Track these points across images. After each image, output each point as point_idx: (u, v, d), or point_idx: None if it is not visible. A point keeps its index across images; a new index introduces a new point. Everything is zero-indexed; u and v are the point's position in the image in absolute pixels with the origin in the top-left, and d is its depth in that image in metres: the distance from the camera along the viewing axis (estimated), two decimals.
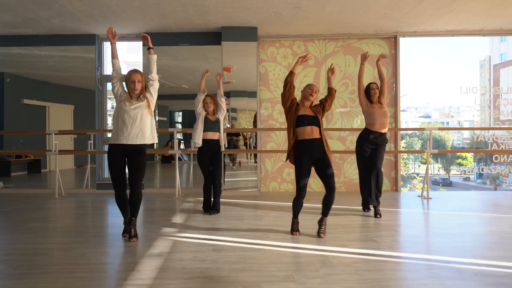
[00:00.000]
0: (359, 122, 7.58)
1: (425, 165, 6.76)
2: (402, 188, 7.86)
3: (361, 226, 4.64)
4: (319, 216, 4.23)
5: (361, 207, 5.50)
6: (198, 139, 5.27)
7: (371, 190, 5.15)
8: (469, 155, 42.42)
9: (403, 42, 9.70)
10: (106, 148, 7.94)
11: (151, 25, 7.01)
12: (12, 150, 8.42)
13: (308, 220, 4.73)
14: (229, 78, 7.31)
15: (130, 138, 3.88)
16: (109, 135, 8.00)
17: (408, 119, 63.81)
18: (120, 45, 8.10)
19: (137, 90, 3.95)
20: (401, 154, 11.02)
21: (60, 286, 2.81)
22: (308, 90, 4.25)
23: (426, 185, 6.61)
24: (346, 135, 7.60)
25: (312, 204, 5.75)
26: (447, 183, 42.53)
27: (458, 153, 43.90)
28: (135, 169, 3.95)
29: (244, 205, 6.03)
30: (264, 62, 7.63)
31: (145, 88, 4.04)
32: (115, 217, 5.20)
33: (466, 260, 3.33)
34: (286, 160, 4.40)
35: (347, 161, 7.59)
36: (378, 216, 5.04)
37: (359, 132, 5.40)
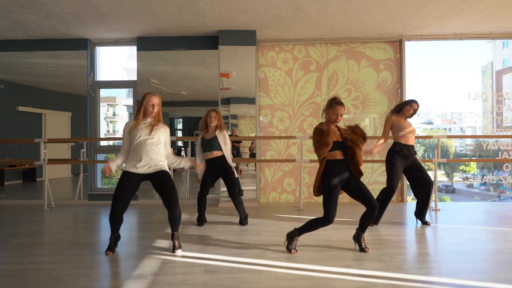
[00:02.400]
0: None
1: (428, 172, 6.41)
2: (408, 198, 7.51)
3: (367, 242, 4.28)
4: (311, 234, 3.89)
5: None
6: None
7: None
8: (472, 162, 41.95)
9: (407, 47, 9.39)
10: (98, 157, 7.63)
11: (145, 29, 6.72)
12: (4, 159, 8.11)
13: (308, 236, 4.38)
14: (228, 84, 7.00)
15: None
16: (102, 143, 7.69)
17: None
18: (120, 51, 7.84)
19: (154, 113, 3.84)
20: None
21: None
22: (333, 115, 3.84)
23: (433, 195, 6.26)
24: None
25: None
26: (450, 190, 42.03)
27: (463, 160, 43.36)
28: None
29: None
30: (264, 67, 7.33)
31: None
32: (103, 231, 4.87)
33: (483, 284, 2.98)
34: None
35: None
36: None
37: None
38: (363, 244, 3.91)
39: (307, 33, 6.98)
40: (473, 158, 41.78)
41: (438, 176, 6.76)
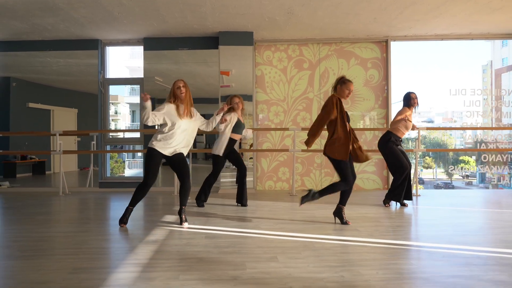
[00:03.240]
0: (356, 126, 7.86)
1: (429, 170, 7.01)
2: None
3: (347, 218, 4.89)
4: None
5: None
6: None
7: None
8: (472, 159, 42.43)
9: (403, 46, 9.93)
10: (108, 148, 8.26)
11: (151, 30, 7.34)
12: (18, 150, 8.72)
13: (296, 213, 5.00)
14: (228, 82, 7.61)
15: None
16: (111, 135, 8.32)
17: None
18: (123, 50, 8.40)
19: (183, 94, 4.42)
20: None
21: (63, 266, 3.09)
22: (346, 91, 4.44)
23: (415, 183, 6.87)
24: None
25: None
26: (449, 188, 42.53)
27: (460, 158, 43.92)
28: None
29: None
30: (260, 66, 7.94)
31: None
32: (116, 211, 5.49)
33: (438, 245, 3.59)
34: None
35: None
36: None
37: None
38: (345, 218, 4.51)
39: (300, 34, 7.60)
40: (452, 148, 42.02)
41: (437, 174, 7.35)
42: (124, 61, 13.34)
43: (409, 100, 5.64)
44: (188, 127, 4.49)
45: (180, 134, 4.40)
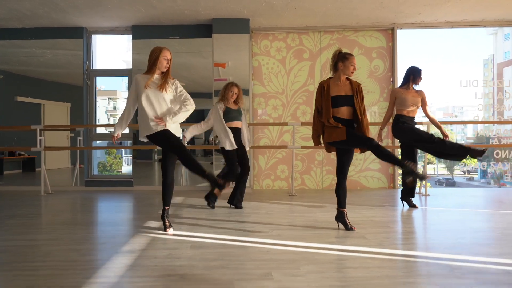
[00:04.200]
0: None
1: (432, 165, 6.53)
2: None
3: (353, 223, 4.39)
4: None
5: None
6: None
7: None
8: None
9: (405, 38, 9.40)
10: (94, 144, 7.75)
11: (139, 17, 6.80)
12: (2, 146, 8.23)
13: (296, 217, 4.50)
14: (225, 75, 7.08)
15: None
16: (98, 130, 7.80)
17: None
18: (118, 43, 7.87)
19: (167, 67, 3.89)
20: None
21: (17, 285, 2.59)
22: (351, 67, 3.89)
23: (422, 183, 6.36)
24: None
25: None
26: (450, 183, 42.04)
27: None
28: None
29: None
30: (257, 56, 7.41)
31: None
32: (98, 214, 4.99)
33: (462, 257, 3.08)
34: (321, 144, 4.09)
35: None
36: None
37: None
38: (349, 223, 4.00)
39: (300, 21, 7.05)
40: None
41: (438, 169, 6.86)
42: (121, 54, 12.90)
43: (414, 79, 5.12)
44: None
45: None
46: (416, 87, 5.16)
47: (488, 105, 7.88)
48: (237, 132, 5.11)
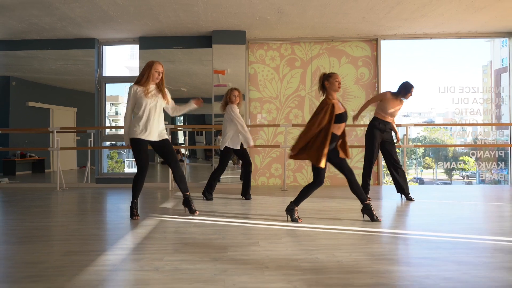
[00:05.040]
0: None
1: (428, 170, 7.18)
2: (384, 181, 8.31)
3: (332, 209, 5.07)
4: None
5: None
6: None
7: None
8: (471, 160, 42.54)
9: (396, 45, 10.16)
10: (105, 144, 8.45)
11: (146, 30, 7.53)
12: (17, 147, 8.90)
13: (285, 206, 5.16)
14: (224, 81, 7.80)
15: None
16: (107, 132, 8.51)
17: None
18: (123, 51, 8.52)
19: (158, 79, 4.55)
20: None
21: (56, 250, 3.28)
22: (336, 83, 4.26)
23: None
24: None
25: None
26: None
27: (460, 158, 44.09)
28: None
29: (232, 195, 6.47)
30: (253, 64, 8.13)
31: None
32: (111, 204, 5.67)
33: (414, 232, 3.78)
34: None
35: None
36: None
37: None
38: (375, 213, 4.31)
39: (291, 33, 7.79)
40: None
41: (437, 174, 7.49)
42: (124, 61, 13.53)
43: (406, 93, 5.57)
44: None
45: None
46: (404, 99, 5.71)
47: (487, 110, 8.54)
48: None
